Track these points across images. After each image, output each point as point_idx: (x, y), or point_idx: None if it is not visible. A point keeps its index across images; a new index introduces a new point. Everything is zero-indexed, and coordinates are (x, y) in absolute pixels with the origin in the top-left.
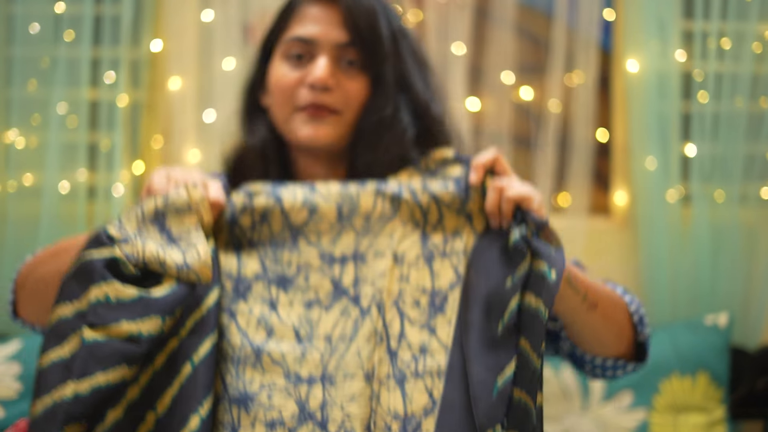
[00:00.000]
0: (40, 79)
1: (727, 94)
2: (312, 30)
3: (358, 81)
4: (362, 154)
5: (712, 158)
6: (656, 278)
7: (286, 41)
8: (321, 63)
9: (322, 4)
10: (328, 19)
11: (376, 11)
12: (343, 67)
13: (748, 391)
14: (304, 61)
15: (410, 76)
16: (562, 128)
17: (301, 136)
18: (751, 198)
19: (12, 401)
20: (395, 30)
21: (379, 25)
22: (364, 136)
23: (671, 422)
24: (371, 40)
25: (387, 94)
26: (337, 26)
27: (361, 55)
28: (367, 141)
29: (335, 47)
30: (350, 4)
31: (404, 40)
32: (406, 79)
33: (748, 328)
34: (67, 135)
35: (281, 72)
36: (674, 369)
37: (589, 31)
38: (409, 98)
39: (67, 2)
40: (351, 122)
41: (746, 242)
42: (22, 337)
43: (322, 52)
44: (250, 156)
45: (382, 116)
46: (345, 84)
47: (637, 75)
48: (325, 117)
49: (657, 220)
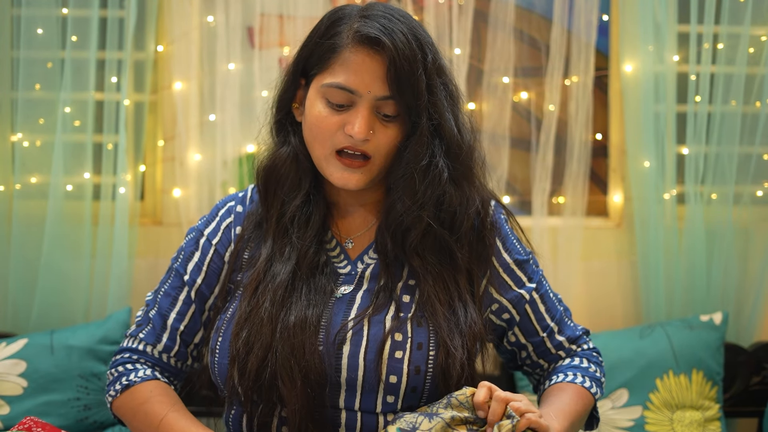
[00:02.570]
0: (45, 81)
1: (721, 96)
2: (354, 80)
3: (392, 129)
4: (400, 200)
5: (707, 159)
6: (652, 277)
7: (329, 85)
8: (361, 118)
9: (367, 53)
10: (372, 70)
11: (417, 61)
12: (380, 117)
13: (742, 388)
14: (344, 109)
15: (445, 121)
16: (560, 130)
17: (334, 179)
18: (745, 198)
19: (17, 398)
20: (431, 73)
21: (420, 76)
22: (400, 180)
23: (667, 419)
24: (411, 93)
25: (422, 142)
26: (380, 79)
27: (398, 106)
28: (404, 185)
29: (375, 99)
30: (394, 57)
31: (440, 79)
32: (442, 125)
33: (742, 326)
34: (72, 136)
35: (322, 113)
36: (669, 367)
37: (587, 34)
38: (443, 143)
39: (72, 5)
40: (381, 165)
41: (740, 242)
42: (27, 336)
43: (363, 104)
44: (285, 166)
45: (418, 162)
46: (380, 133)
47: (633, 77)
48: (357, 167)
49: (653, 220)
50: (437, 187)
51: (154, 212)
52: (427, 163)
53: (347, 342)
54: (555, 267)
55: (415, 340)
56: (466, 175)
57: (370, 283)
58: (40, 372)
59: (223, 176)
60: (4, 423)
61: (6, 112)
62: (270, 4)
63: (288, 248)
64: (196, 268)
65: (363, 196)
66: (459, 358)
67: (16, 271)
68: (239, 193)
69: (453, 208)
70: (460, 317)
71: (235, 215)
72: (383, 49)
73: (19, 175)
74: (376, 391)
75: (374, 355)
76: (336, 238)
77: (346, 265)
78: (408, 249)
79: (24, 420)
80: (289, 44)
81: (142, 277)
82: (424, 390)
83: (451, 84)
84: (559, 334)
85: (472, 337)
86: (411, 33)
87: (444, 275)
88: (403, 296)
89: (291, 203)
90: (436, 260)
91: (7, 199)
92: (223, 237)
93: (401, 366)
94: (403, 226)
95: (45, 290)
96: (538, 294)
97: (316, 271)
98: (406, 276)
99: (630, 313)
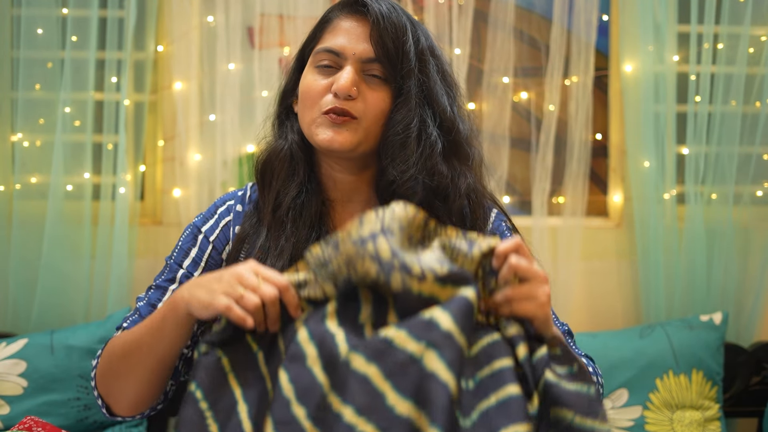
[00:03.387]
0: (45, 81)
1: (721, 96)
2: (341, 42)
3: (379, 92)
4: (391, 165)
5: (707, 159)
6: (652, 277)
7: (318, 51)
8: (345, 73)
9: (353, 18)
10: (357, 33)
11: (405, 28)
12: (366, 79)
13: (742, 388)
14: (332, 71)
15: (436, 93)
16: (560, 130)
17: (320, 139)
18: (745, 198)
19: (17, 398)
20: (423, 48)
21: (406, 41)
22: (390, 146)
23: (667, 419)
24: (395, 55)
25: (409, 106)
26: (364, 40)
27: (384, 69)
28: (395, 151)
29: (360, 60)
30: (379, 20)
31: (433, 59)
32: (432, 95)
33: (742, 326)
34: (72, 136)
35: (310, 79)
36: (669, 367)
37: (587, 34)
38: (434, 114)
39: (72, 5)
40: (369, 130)
41: (740, 242)
42: (27, 336)
43: (348, 64)
44: (279, 158)
45: (407, 127)
46: (367, 94)
47: (633, 77)
48: (344, 123)
49: (653, 220)
50: (430, 157)
51: (154, 212)
52: (419, 130)
53: None
54: (555, 267)
55: None
56: (460, 156)
57: None
58: (40, 372)
59: (223, 176)
60: (4, 423)
61: (6, 112)
62: (270, 4)
63: (282, 241)
64: (192, 263)
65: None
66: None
67: (16, 271)
68: (238, 191)
69: (445, 184)
70: None
71: (234, 214)
72: (369, 12)
73: (19, 175)
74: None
75: None
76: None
77: None
78: None
79: (24, 420)
80: (289, 44)
81: (142, 277)
82: None
83: (447, 70)
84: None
85: None
86: (402, 10)
87: None
88: None
89: (286, 194)
90: None
91: (7, 199)
92: (221, 235)
93: None
94: (397, 197)
95: (45, 290)
96: None
97: None
98: None
99: (630, 313)
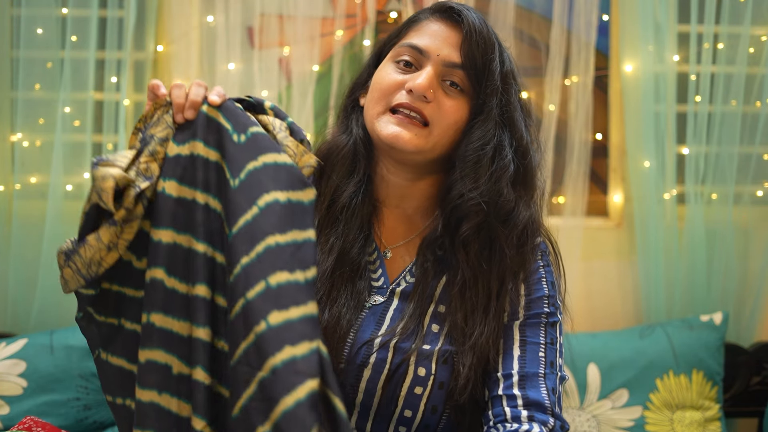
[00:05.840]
0: (45, 81)
1: (721, 96)
2: (427, 42)
3: (456, 101)
4: (461, 180)
5: (707, 159)
6: (652, 277)
7: (400, 46)
8: (425, 73)
9: (445, 23)
10: (445, 36)
11: (494, 46)
12: (444, 86)
13: (742, 388)
14: (411, 70)
15: (516, 117)
16: (560, 130)
17: (384, 134)
18: (745, 198)
19: (17, 398)
20: (508, 70)
21: (493, 59)
22: (464, 161)
23: (667, 420)
24: (482, 69)
25: (490, 125)
26: (452, 47)
27: (467, 80)
28: (467, 166)
29: (443, 64)
30: (472, 31)
31: (515, 84)
32: (512, 119)
33: (742, 326)
34: (71, 136)
35: (386, 72)
36: (670, 367)
37: (587, 34)
38: (512, 137)
39: (72, 5)
40: (438, 139)
41: (740, 242)
42: (27, 336)
43: (430, 64)
44: (342, 153)
45: (485, 145)
46: (442, 100)
47: (633, 77)
48: (413, 126)
49: (653, 220)
50: (500, 180)
51: None
52: (495, 150)
53: (369, 366)
54: None
55: (438, 379)
56: (527, 185)
57: (400, 301)
58: (40, 372)
59: None
60: (4, 423)
61: (6, 112)
62: (270, 4)
63: (333, 238)
64: None
65: (411, 194)
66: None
67: (16, 271)
68: None
69: (509, 209)
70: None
71: None
72: (462, 20)
73: (18, 175)
74: (389, 420)
75: (393, 387)
76: (376, 242)
77: (380, 277)
78: (458, 239)
79: (24, 420)
80: (289, 44)
81: None
82: (438, 428)
83: (524, 101)
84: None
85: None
86: (491, 28)
87: (483, 278)
88: (432, 325)
89: (343, 191)
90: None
91: (7, 199)
92: None
93: (419, 403)
94: (461, 212)
95: (45, 290)
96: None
97: (356, 274)
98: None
99: (630, 313)
